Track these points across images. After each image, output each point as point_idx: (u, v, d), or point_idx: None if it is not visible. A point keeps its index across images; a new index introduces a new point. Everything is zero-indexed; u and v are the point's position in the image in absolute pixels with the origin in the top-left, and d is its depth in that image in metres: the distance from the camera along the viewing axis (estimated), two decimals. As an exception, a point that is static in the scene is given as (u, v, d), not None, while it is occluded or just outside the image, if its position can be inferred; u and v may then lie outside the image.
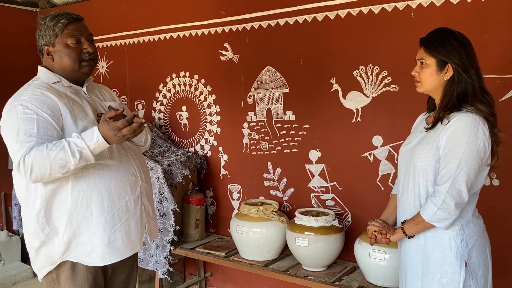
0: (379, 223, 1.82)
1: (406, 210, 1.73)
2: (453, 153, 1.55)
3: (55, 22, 1.71)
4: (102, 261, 1.72)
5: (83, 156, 1.56)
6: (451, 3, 2.28)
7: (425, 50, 1.66)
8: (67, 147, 1.54)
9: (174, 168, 3.02)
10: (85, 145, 1.56)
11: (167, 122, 3.51)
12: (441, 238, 1.62)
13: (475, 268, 1.62)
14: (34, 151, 1.53)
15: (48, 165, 1.53)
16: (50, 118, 1.61)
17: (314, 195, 2.83)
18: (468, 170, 1.54)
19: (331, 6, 2.63)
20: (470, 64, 1.61)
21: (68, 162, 1.54)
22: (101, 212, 1.69)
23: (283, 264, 2.67)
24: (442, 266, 1.62)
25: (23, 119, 1.58)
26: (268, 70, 2.93)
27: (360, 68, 2.58)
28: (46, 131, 1.59)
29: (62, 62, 1.72)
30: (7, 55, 4.04)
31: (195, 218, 3.08)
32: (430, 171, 1.62)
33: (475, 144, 1.54)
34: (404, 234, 1.68)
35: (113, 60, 3.73)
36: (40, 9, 4.26)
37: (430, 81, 1.65)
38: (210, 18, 3.14)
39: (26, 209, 1.71)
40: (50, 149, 1.53)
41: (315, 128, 2.78)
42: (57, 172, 1.56)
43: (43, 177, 1.56)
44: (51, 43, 1.71)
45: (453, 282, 1.60)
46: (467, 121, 1.55)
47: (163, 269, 2.89)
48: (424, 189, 1.65)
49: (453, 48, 1.62)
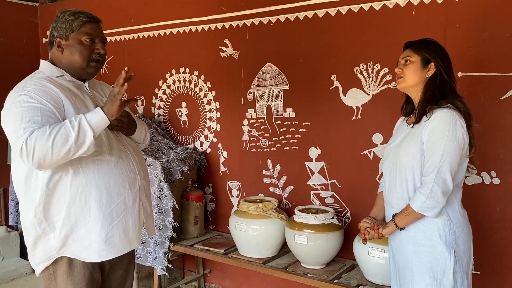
0: (370, 219, 1.91)
1: (395, 204, 1.83)
2: (436, 145, 1.68)
3: (74, 18, 1.73)
4: (99, 257, 1.72)
5: (81, 127, 1.53)
6: (453, 1, 2.27)
7: (411, 49, 1.81)
8: (68, 122, 1.55)
9: (174, 164, 3.01)
10: (83, 116, 1.56)
11: (166, 119, 3.50)
12: (431, 228, 1.73)
13: (461, 255, 1.74)
14: (36, 132, 1.51)
15: (50, 143, 1.50)
16: (53, 108, 1.60)
17: (314, 193, 2.82)
18: (451, 160, 1.67)
19: (332, 3, 2.62)
20: (449, 68, 1.78)
21: (69, 135, 1.52)
22: (99, 208, 1.68)
23: (282, 262, 2.67)
24: (433, 254, 1.72)
25: (27, 107, 1.57)
26: (268, 66, 2.92)
27: (360, 65, 2.56)
28: (50, 120, 1.58)
29: (72, 57, 1.73)
30: (7, 50, 4.02)
31: (194, 215, 3.07)
32: (416, 165, 1.74)
33: (455, 136, 1.67)
34: (396, 226, 1.78)
35: (113, 56, 3.71)
36: (40, 4, 4.24)
37: (413, 76, 1.78)
38: (210, 14, 3.12)
39: (24, 203, 1.70)
40: (53, 127, 1.53)
41: (315, 125, 2.77)
42: (60, 151, 1.52)
43: (45, 159, 1.52)
44: (65, 36, 1.73)
45: (444, 268, 1.71)
46: (446, 116, 1.68)
47: (162, 266, 2.89)
48: (411, 183, 1.76)
49: (436, 50, 1.79)
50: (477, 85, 2.24)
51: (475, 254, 2.31)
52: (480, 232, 2.29)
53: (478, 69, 2.24)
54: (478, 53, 2.22)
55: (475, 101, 2.23)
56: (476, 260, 2.32)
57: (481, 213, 2.29)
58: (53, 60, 1.78)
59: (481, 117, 2.20)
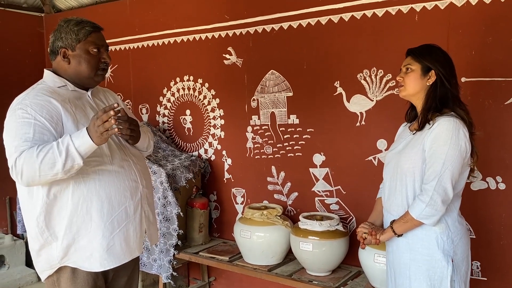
0: (368, 225, 1.90)
1: (394, 211, 1.82)
2: (438, 153, 1.67)
3: (80, 28, 1.73)
4: (101, 266, 1.72)
5: (69, 154, 1.53)
6: (455, 6, 2.27)
7: (412, 57, 1.80)
8: (55, 146, 1.54)
9: (178, 172, 3.01)
10: (71, 142, 1.54)
11: (171, 126, 3.52)
12: (429, 236, 1.72)
13: (459, 264, 1.73)
14: (24, 153, 1.54)
15: (37, 166, 1.52)
16: (47, 123, 1.61)
17: (318, 199, 2.82)
18: (452, 168, 1.66)
19: (335, 10, 2.63)
20: (451, 75, 1.76)
21: (56, 161, 1.52)
22: (100, 217, 1.69)
23: (287, 269, 2.65)
24: (430, 262, 1.71)
25: (21, 123, 1.59)
26: (272, 73, 2.93)
27: (364, 71, 2.57)
28: (42, 136, 1.59)
29: (80, 67, 1.74)
30: (13, 59, 4.06)
31: (199, 222, 3.07)
32: (417, 172, 1.73)
33: (457, 145, 1.66)
34: (394, 233, 1.77)
35: (117, 65, 3.74)
36: (46, 14, 4.29)
37: (414, 84, 1.78)
38: (214, 22, 3.14)
39: (27, 212, 1.72)
40: (40, 150, 1.54)
41: (319, 131, 2.77)
42: (46, 174, 1.54)
43: (33, 179, 1.55)
44: (71, 46, 1.73)
45: (442, 277, 1.70)
46: (449, 124, 1.67)
47: (167, 274, 2.89)
48: (411, 190, 1.76)
49: (438, 57, 1.77)
50: (481, 91, 2.24)
51: (481, 260, 2.30)
52: (486, 237, 2.28)
53: (481, 74, 2.23)
54: (482, 58, 2.22)
55: (479, 106, 2.22)
56: (482, 266, 2.30)
57: (487, 218, 2.28)
58: (56, 70, 1.78)
59: (485, 122, 2.19)
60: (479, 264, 2.30)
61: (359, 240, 1.89)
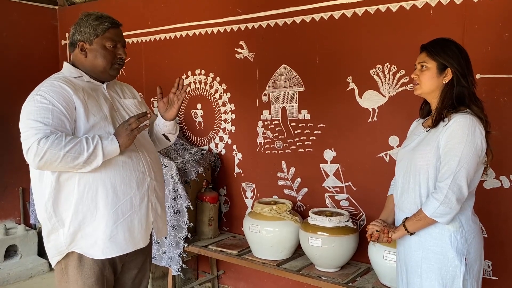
0: (380, 222, 1.88)
1: (406, 209, 1.79)
2: (453, 151, 1.64)
3: (98, 23, 1.79)
4: (103, 254, 1.75)
5: (95, 151, 1.63)
6: (471, 1, 2.23)
7: (427, 54, 1.76)
8: (84, 141, 1.63)
9: (188, 165, 3.02)
10: (100, 141, 1.65)
11: (182, 120, 3.53)
12: (442, 234, 1.70)
13: (472, 263, 1.70)
14: (52, 138, 1.58)
15: (62, 154, 1.58)
16: (64, 110, 1.67)
17: (328, 195, 2.81)
18: (468, 167, 1.63)
19: (348, 4, 2.60)
20: (467, 71, 1.72)
21: (81, 154, 1.61)
22: (105, 206, 1.72)
23: (296, 264, 2.65)
24: (442, 261, 1.69)
25: (39, 108, 1.65)
26: (284, 68, 2.92)
27: (377, 67, 2.54)
28: (60, 122, 1.65)
29: (96, 61, 1.80)
30: (27, 52, 4.10)
31: (208, 216, 3.08)
32: (431, 170, 1.71)
33: (473, 143, 1.63)
34: (406, 231, 1.75)
35: (130, 58, 3.74)
36: (59, 7, 4.32)
37: (430, 83, 1.74)
38: (226, 16, 3.14)
39: (37, 198, 1.77)
40: (69, 141, 1.60)
41: (330, 127, 2.76)
42: (66, 163, 1.61)
43: (51, 164, 1.61)
44: (89, 40, 1.79)
45: (454, 275, 1.68)
46: (465, 121, 1.64)
47: (177, 266, 2.91)
48: (425, 187, 1.73)
49: (453, 54, 1.72)
50: (496, 87, 2.20)
51: (493, 259, 2.27)
52: (499, 237, 2.25)
53: (497, 71, 2.20)
54: (497, 55, 2.18)
55: (494, 103, 2.19)
56: (493, 266, 2.27)
57: (500, 217, 2.25)
58: (74, 61, 1.85)
59: (500, 120, 2.16)
60: (491, 263, 2.28)
61: (368, 237, 1.87)
